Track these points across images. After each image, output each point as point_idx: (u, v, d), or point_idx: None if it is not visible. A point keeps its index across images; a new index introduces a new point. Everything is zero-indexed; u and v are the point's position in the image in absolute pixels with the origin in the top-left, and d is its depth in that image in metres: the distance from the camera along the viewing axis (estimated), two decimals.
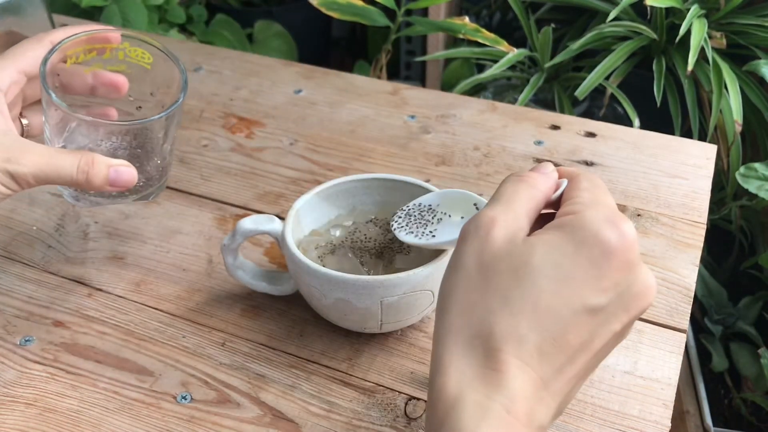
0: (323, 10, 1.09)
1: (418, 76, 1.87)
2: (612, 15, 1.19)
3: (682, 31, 1.14)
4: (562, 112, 1.29)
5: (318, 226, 0.55)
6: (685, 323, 0.53)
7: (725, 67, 1.16)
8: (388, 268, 0.51)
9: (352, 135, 0.73)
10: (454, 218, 0.46)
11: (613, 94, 1.24)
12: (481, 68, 1.47)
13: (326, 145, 0.72)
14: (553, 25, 1.35)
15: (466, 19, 1.11)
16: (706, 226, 0.62)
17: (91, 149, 0.49)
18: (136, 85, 0.53)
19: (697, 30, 1.14)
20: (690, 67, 1.12)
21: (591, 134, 0.73)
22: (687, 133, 1.18)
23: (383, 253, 0.52)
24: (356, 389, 0.49)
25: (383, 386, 0.49)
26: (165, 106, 0.50)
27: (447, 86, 1.59)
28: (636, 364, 0.50)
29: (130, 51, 0.52)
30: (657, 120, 1.12)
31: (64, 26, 0.52)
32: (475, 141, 0.72)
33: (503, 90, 1.43)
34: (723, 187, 1.22)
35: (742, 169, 1.03)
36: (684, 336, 0.53)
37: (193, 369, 0.51)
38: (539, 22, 1.41)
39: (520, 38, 1.52)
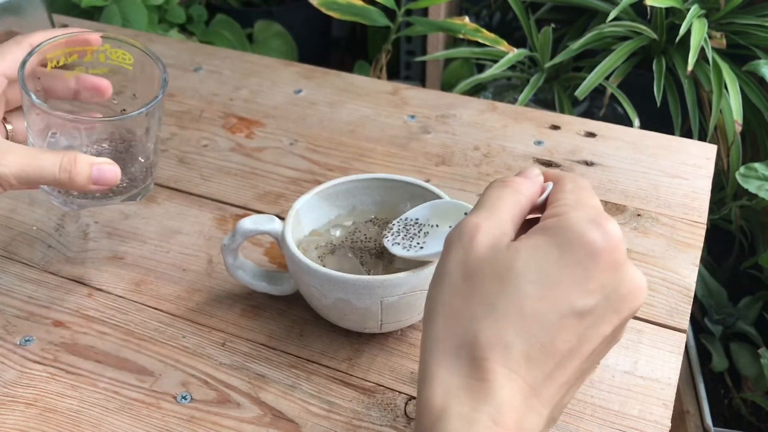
0: (323, 10, 1.09)
1: (418, 76, 1.87)
2: (612, 15, 1.19)
3: (682, 31, 1.14)
4: (562, 112, 1.29)
5: (318, 226, 0.55)
6: (685, 323, 0.53)
7: (725, 67, 1.16)
8: (388, 268, 0.51)
9: (352, 135, 0.73)
10: (442, 228, 0.47)
11: (613, 94, 1.25)
12: (481, 68, 1.47)
13: (326, 145, 0.72)
14: (553, 25, 1.35)
15: (466, 19, 1.11)
16: (706, 226, 0.62)
17: None
18: (119, 87, 0.53)
19: (697, 30, 1.14)
20: (690, 67, 1.12)
21: (591, 134, 0.73)
22: (687, 133, 1.18)
23: (383, 253, 0.52)
24: (356, 389, 0.49)
25: (383, 386, 0.49)
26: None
27: (447, 86, 1.59)
28: (636, 364, 0.50)
29: (111, 53, 0.52)
30: (657, 120, 1.12)
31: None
32: (475, 141, 0.72)
33: (503, 90, 1.43)
34: (723, 187, 1.22)
35: (742, 169, 1.03)
36: (684, 336, 0.53)
37: (193, 369, 0.51)
38: (539, 22, 1.41)
39: (520, 38, 1.52)
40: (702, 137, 1.19)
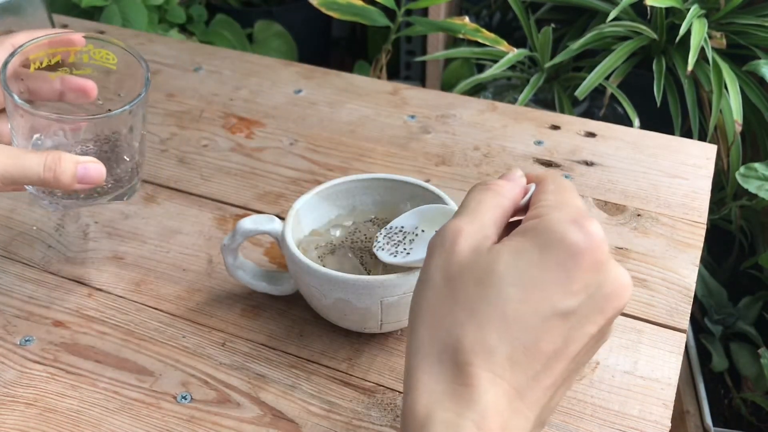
0: (323, 10, 1.09)
1: (418, 76, 1.87)
2: (612, 15, 1.19)
3: (682, 31, 1.14)
4: (562, 112, 1.29)
5: (318, 226, 0.55)
6: (685, 323, 0.53)
7: (725, 67, 1.16)
8: (388, 268, 0.51)
9: (352, 135, 0.73)
10: (428, 233, 0.46)
11: (613, 94, 1.25)
12: (481, 68, 1.47)
13: (326, 145, 0.72)
14: (553, 25, 1.35)
15: (466, 19, 1.11)
16: (706, 226, 0.62)
17: None
18: (103, 87, 0.53)
19: (697, 30, 1.14)
20: (690, 67, 1.12)
21: (591, 134, 0.73)
22: (687, 133, 1.18)
23: None
24: (356, 389, 0.49)
25: (383, 386, 0.49)
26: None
27: (447, 86, 1.59)
28: (636, 364, 0.50)
29: (94, 53, 0.51)
30: (657, 120, 1.13)
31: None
32: (475, 141, 0.72)
33: (503, 90, 1.43)
34: (723, 187, 1.22)
35: (742, 169, 1.03)
36: (684, 336, 0.53)
37: (193, 369, 0.51)
38: (539, 22, 1.42)
39: (520, 38, 1.52)
40: (702, 137, 1.19)
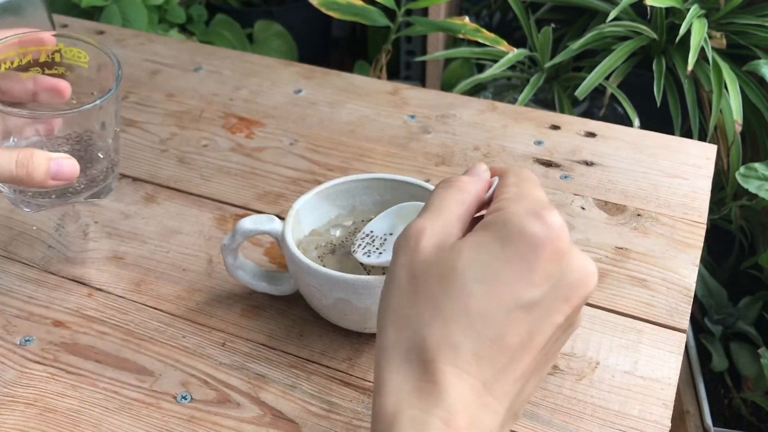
0: (323, 10, 1.09)
1: (418, 76, 1.87)
2: (612, 15, 1.19)
3: (682, 31, 1.14)
4: (562, 112, 1.29)
5: (318, 226, 0.55)
6: (685, 323, 0.53)
7: (725, 67, 1.16)
8: (388, 268, 0.51)
9: (352, 135, 0.73)
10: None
11: (613, 94, 1.25)
12: (481, 68, 1.47)
13: (326, 145, 0.72)
14: (553, 25, 1.35)
15: (466, 19, 1.11)
16: (706, 226, 0.62)
17: None
18: (77, 86, 0.52)
19: (697, 30, 1.14)
20: (690, 67, 1.12)
21: (591, 134, 0.73)
22: (687, 133, 1.18)
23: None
24: (356, 389, 0.49)
25: None
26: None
27: (447, 86, 1.59)
28: (636, 364, 0.50)
29: (66, 52, 0.51)
30: (657, 120, 1.12)
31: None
32: (475, 141, 0.72)
33: (503, 90, 1.43)
34: (723, 187, 1.22)
35: (742, 169, 1.03)
36: (684, 336, 0.53)
37: (193, 369, 0.51)
38: (539, 22, 1.42)
39: (520, 38, 1.52)
40: (702, 137, 1.19)
